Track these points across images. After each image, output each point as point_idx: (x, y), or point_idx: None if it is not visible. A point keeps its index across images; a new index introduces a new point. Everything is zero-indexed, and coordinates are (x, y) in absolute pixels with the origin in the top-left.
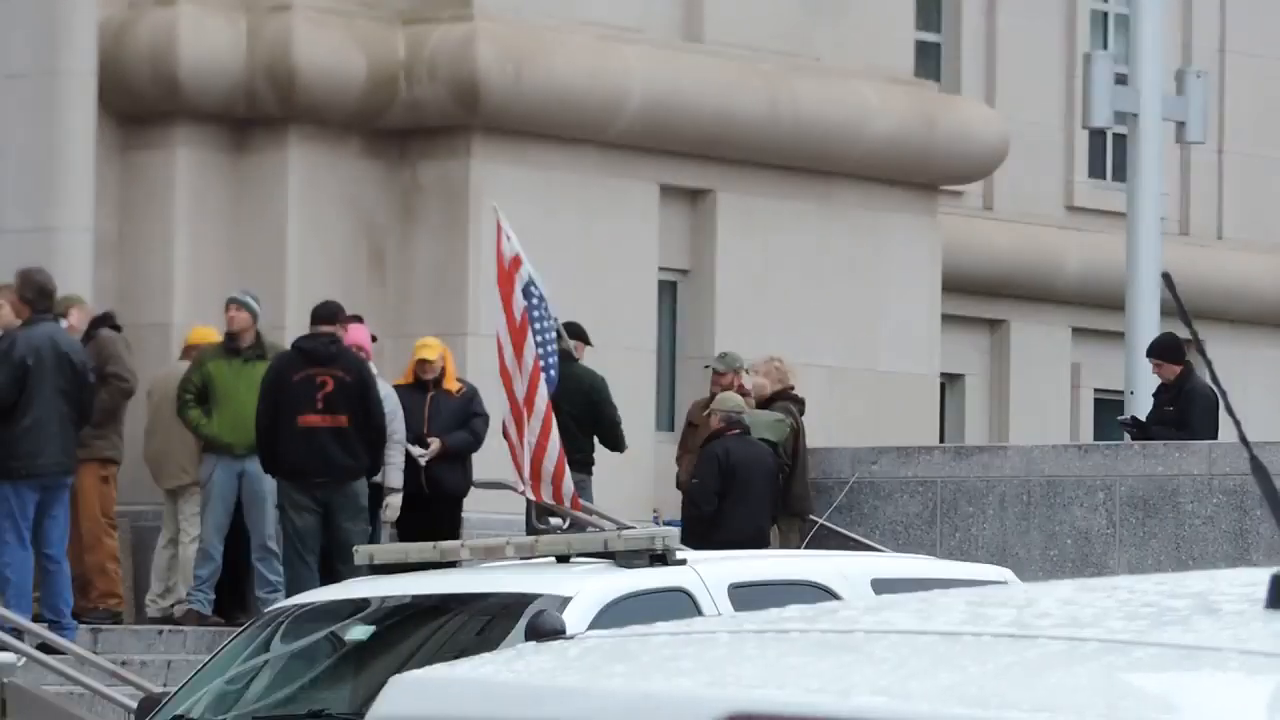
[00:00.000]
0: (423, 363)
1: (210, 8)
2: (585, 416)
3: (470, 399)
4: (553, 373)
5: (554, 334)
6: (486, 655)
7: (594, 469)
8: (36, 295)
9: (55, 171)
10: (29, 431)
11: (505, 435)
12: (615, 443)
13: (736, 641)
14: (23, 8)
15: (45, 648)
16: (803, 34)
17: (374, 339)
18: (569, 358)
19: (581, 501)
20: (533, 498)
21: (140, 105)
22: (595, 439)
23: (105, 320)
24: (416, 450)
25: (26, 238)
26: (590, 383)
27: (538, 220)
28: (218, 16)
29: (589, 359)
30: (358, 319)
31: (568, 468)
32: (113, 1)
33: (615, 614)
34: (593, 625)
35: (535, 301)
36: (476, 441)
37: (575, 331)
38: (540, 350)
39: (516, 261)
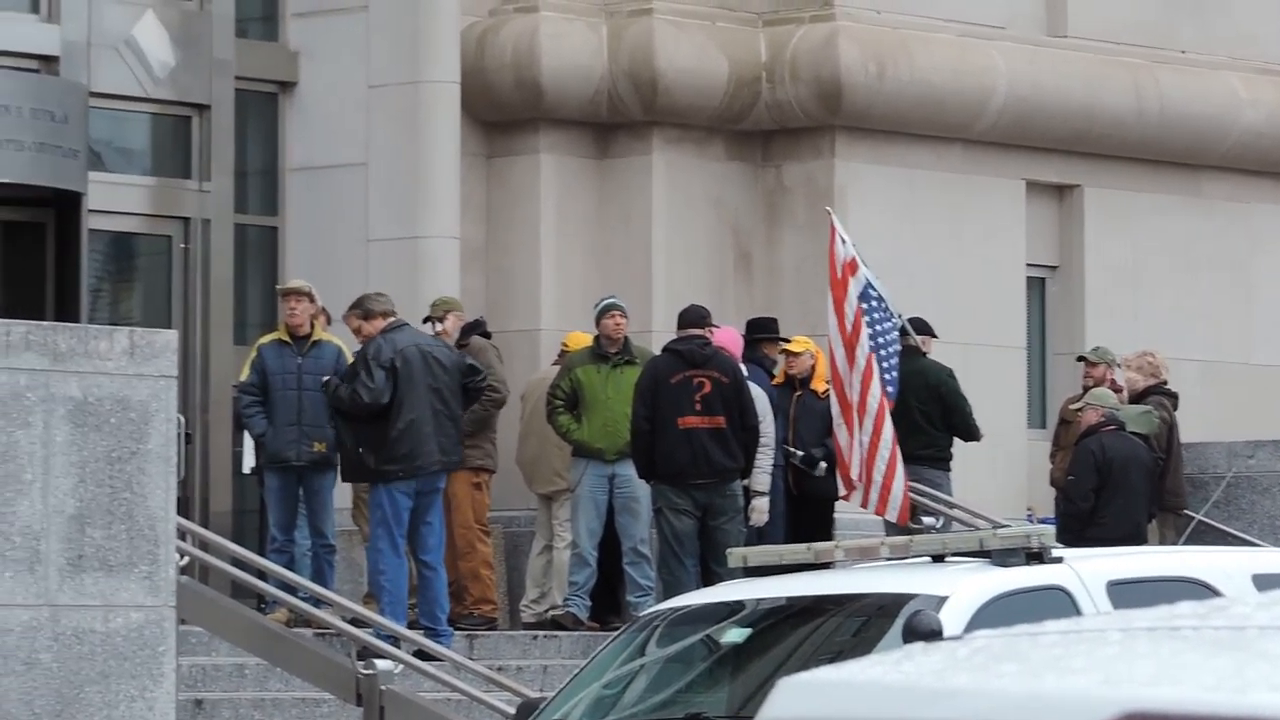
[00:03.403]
0: (789, 356)
1: (571, 13)
2: (934, 410)
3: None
4: (893, 374)
5: (895, 335)
6: (874, 656)
7: (952, 464)
8: (383, 310)
9: (421, 180)
10: (404, 433)
11: (834, 438)
12: (968, 433)
13: (1128, 640)
14: (386, 19)
15: (422, 654)
16: (1166, 26)
17: (782, 340)
18: (916, 353)
19: (928, 516)
20: (859, 505)
21: (504, 112)
22: (951, 434)
23: (476, 327)
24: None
25: (395, 246)
26: (936, 376)
27: (903, 219)
28: (579, 21)
29: (956, 354)
30: (775, 325)
31: (900, 478)
32: (475, 10)
33: (992, 613)
34: (970, 625)
35: (874, 303)
36: None
37: (920, 326)
38: (878, 354)
39: (852, 265)
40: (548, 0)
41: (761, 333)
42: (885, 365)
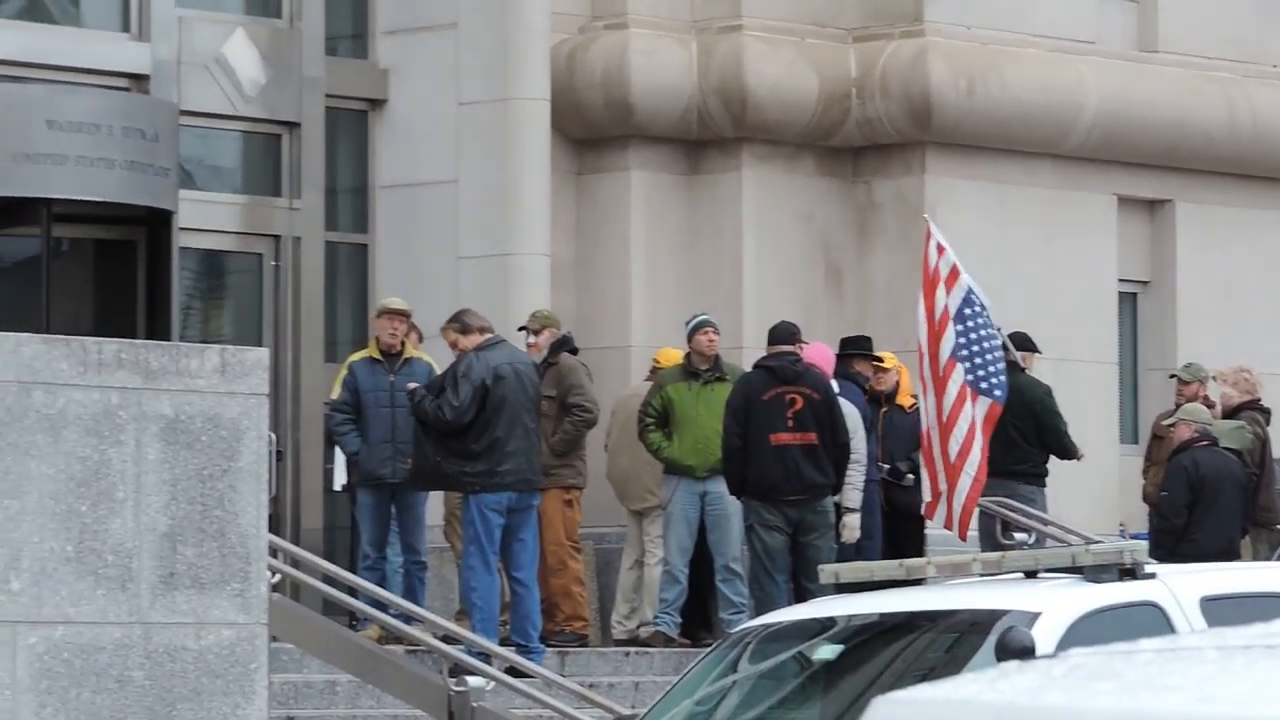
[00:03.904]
0: (878, 371)
1: (661, 30)
2: (1028, 427)
3: (918, 416)
4: (999, 379)
5: (998, 343)
6: (969, 675)
7: (1047, 481)
8: (480, 326)
9: (511, 197)
10: (487, 449)
11: (921, 447)
12: (1063, 451)
13: (1224, 658)
14: (476, 37)
15: (513, 671)
16: (1257, 41)
17: (874, 359)
18: (1015, 368)
19: (1020, 532)
20: (927, 517)
21: (593, 129)
22: (1046, 452)
23: (564, 345)
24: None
25: (485, 263)
26: (1032, 393)
27: (994, 234)
28: (668, 39)
29: (1048, 369)
30: (869, 343)
31: (963, 490)
32: (565, 27)
33: (1084, 629)
34: (1062, 641)
35: (976, 309)
36: None
37: (1021, 342)
38: (970, 362)
39: (952, 275)
40: (637, 18)
41: (855, 349)
42: (992, 370)
